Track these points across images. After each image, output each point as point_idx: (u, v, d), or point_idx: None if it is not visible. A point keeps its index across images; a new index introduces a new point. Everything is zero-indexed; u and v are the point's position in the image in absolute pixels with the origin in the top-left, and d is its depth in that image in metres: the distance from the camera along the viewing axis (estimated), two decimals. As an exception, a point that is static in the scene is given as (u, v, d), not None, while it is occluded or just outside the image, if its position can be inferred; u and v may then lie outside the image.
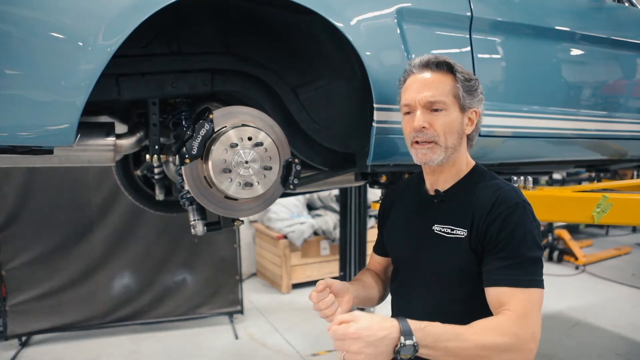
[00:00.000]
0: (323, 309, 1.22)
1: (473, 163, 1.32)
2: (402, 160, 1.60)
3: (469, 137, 1.29)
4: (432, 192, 1.32)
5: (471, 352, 1.02)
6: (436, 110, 1.20)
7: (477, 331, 1.04)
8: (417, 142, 1.23)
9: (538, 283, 1.12)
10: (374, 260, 1.55)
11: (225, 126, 1.38)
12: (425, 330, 1.01)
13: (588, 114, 2.04)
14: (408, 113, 1.25)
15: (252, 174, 1.38)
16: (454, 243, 1.21)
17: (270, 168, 1.41)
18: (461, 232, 1.21)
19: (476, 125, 1.28)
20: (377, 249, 1.53)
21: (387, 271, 1.52)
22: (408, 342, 0.98)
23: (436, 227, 1.26)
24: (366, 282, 1.43)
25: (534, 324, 1.08)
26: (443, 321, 1.06)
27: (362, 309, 1.51)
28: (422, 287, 1.28)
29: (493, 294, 1.13)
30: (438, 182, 1.30)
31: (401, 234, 1.38)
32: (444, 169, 1.27)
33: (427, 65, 1.24)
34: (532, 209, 1.20)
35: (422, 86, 1.22)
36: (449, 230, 1.23)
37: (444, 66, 1.23)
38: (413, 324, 1.01)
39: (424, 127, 1.20)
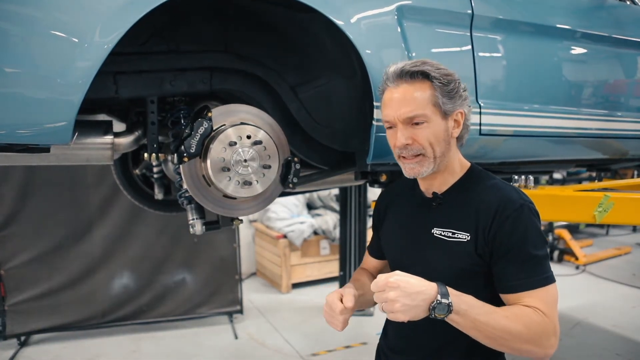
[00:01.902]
0: (337, 323, 1.19)
1: (468, 164, 1.30)
2: (402, 159, 1.59)
3: (458, 137, 1.26)
4: (428, 195, 1.29)
5: (496, 332, 1.06)
6: (417, 123, 1.17)
7: (508, 315, 1.08)
8: (403, 157, 1.21)
9: (551, 278, 1.15)
10: (368, 261, 1.52)
11: (224, 124, 1.37)
12: (461, 298, 1.06)
13: (589, 112, 2.03)
14: (390, 128, 1.23)
15: (251, 172, 1.37)
16: (456, 246, 1.19)
17: (270, 167, 1.39)
18: (463, 236, 1.19)
19: (464, 125, 1.24)
20: (373, 251, 1.50)
21: (382, 272, 1.50)
22: (444, 301, 1.03)
23: (436, 231, 1.24)
24: (364, 284, 1.40)
25: (554, 320, 1.12)
26: (442, 323, 1.08)
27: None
28: None
29: (512, 299, 1.15)
30: (433, 185, 1.28)
31: (398, 237, 1.36)
32: (436, 174, 1.25)
33: (400, 76, 1.19)
34: (535, 207, 1.19)
35: (399, 101, 1.17)
36: (449, 234, 1.21)
37: (418, 75, 1.17)
38: (450, 289, 1.06)
39: (407, 144, 1.18)
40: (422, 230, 1.27)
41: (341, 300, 1.20)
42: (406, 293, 1.02)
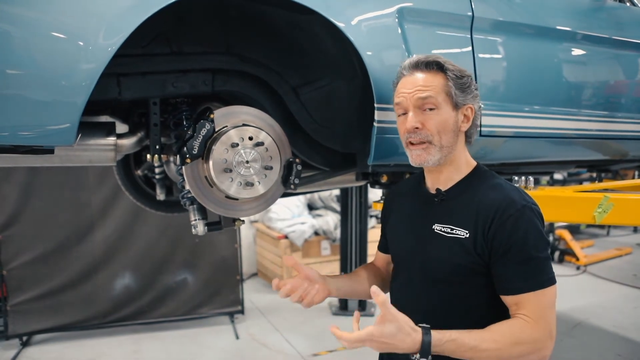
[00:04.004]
0: (291, 292, 1.28)
1: (474, 163, 1.32)
2: (403, 160, 1.59)
3: (467, 135, 1.29)
4: (432, 191, 1.31)
5: (490, 355, 1.09)
6: (429, 109, 1.21)
7: (496, 338, 1.10)
8: (411, 143, 1.23)
9: (552, 280, 1.15)
10: (378, 257, 1.56)
11: (226, 126, 1.38)
12: (445, 345, 1.07)
13: (589, 114, 2.04)
14: (402, 114, 1.26)
15: (253, 173, 1.37)
16: (453, 243, 1.21)
17: (271, 168, 1.40)
18: (461, 233, 1.20)
19: (473, 122, 1.27)
20: (381, 247, 1.54)
21: (390, 268, 1.52)
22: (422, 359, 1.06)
23: (436, 227, 1.26)
24: (359, 277, 1.46)
25: (551, 322, 1.13)
26: (441, 320, 1.12)
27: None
28: (421, 286, 1.28)
29: (510, 300, 1.16)
30: (439, 181, 1.30)
31: (402, 232, 1.38)
32: (442, 168, 1.27)
33: (417, 66, 1.24)
34: (538, 209, 1.20)
35: (413, 86, 1.22)
36: (448, 230, 1.23)
37: (433, 65, 1.23)
38: (435, 339, 1.07)
39: (417, 128, 1.21)
40: (424, 226, 1.29)
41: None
42: (385, 348, 1.06)
